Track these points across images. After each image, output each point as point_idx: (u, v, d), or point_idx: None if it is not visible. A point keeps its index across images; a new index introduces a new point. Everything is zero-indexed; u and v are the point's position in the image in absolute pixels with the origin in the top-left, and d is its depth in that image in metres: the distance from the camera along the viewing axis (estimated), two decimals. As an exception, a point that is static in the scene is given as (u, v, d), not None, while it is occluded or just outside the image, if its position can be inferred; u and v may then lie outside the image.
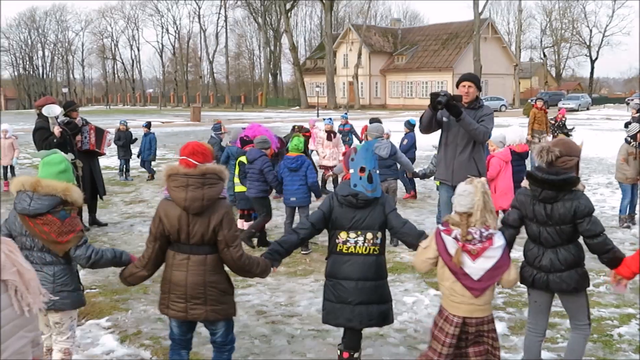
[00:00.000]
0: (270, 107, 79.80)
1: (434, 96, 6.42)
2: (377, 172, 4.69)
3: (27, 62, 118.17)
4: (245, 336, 5.93)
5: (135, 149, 17.33)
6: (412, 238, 4.62)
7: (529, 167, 8.73)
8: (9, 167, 14.99)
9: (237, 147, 10.45)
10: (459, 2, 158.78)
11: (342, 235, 4.65)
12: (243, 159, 9.60)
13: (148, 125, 17.45)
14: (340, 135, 16.20)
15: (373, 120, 17.37)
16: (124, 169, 16.75)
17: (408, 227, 4.68)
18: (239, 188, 9.82)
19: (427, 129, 6.87)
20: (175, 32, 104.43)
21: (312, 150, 14.32)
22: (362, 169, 4.58)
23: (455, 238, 4.17)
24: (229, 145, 11.09)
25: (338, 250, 4.67)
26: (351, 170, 4.65)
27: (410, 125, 13.79)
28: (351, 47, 76.32)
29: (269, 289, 7.34)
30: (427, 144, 12.52)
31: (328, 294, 4.74)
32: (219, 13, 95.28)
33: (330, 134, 13.86)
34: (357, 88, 73.59)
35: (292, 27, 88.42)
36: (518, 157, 9.99)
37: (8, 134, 15.07)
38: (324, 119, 14.91)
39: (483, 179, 4.40)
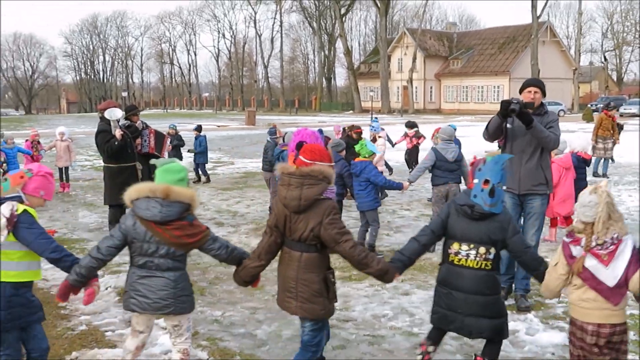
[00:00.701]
0: (324, 111, 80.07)
1: (506, 104, 6.15)
2: (503, 187, 4.62)
3: (89, 67, 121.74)
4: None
5: (186, 152, 17.60)
6: (534, 265, 4.58)
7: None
8: (64, 169, 15.38)
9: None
10: (516, 6, 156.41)
11: (455, 246, 4.62)
12: None
13: (199, 128, 17.71)
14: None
15: (409, 123, 17.27)
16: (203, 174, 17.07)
17: (530, 256, 4.62)
18: None
19: (494, 137, 6.65)
20: (231, 36, 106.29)
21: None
22: (486, 182, 4.53)
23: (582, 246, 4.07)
24: (285, 149, 11.13)
25: (450, 260, 4.67)
26: (475, 181, 4.61)
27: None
28: (406, 51, 76.00)
29: (324, 293, 7.34)
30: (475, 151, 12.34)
31: (439, 300, 4.75)
32: (275, 18, 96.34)
33: (374, 141, 13.85)
34: (411, 92, 73.17)
35: (347, 31, 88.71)
36: (582, 164, 9.74)
37: (65, 136, 15.49)
38: (370, 126, 14.78)
39: (604, 183, 4.24)
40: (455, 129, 13.09)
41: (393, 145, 18.02)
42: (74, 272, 4.40)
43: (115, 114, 9.62)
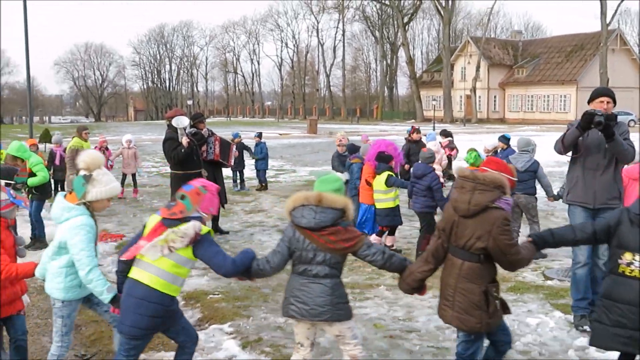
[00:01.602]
0: (386, 120, 79.84)
1: (590, 116, 5.90)
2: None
3: (156, 76, 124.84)
4: (364, 350, 5.90)
5: (249, 160, 17.78)
6: None
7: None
8: (131, 175, 15.79)
9: (360, 163, 10.46)
10: (585, 13, 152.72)
11: (627, 257, 4.34)
12: (385, 173, 9.51)
13: (259, 135, 17.87)
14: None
15: (443, 132, 16.98)
16: (239, 180, 17.22)
17: None
18: (381, 204, 9.63)
19: (569, 149, 6.41)
20: (294, 46, 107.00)
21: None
22: None
23: None
24: (356, 162, 10.79)
25: (620, 271, 4.33)
26: None
27: (505, 140, 13.35)
28: (469, 60, 75.08)
29: (387, 302, 7.29)
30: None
31: (600, 316, 4.38)
32: (337, 27, 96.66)
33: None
34: (474, 101, 72.23)
35: (409, 40, 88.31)
36: None
37: (132, 144, 15.91)
38: (426, 136, 14.57)
39: None
40: (509, 139, 12.81)
41: None
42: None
43: (182, 121, 9.84)
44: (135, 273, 4.45)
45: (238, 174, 17.17)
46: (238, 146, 17.08)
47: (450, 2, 72.55)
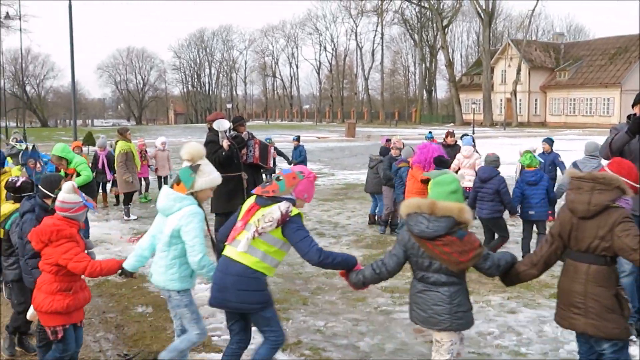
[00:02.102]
0: (424, 124, 79.28)
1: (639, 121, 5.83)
2: None
3: (195, 80, 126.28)
4: (404, 354, 5.88)
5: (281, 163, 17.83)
6: None
7: None
8: (163, 177, 15.95)
9: (408, 167, 10.39)
10: (628, 15, 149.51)
11: None
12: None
13: (298, 138, 17.96)
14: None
15: (462, 136, 16.69)
16: None
17: None
18: None
19: (616, 154, 6.26)
20: (332, 49, 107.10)
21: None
22: None
23: None
24: (403, 165, 10.66)
25: None
26: None
27: (550, 142, 13.13)
28: (510, 63, 74.16)
29: (427, 307, 7.23)
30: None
31: None
32: (376, 30, 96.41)
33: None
34: (515, 105, 71.34)
35: (449, 43, 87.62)
36: None
37: (166, 146, 16.09)
38: (462, 139, 14.24)
39: None
40: (553, 142, 12.60)
41: None
42: (357, 276, 4.54)
43: (223, 125, 9.90)
44: (229, 251, 4.60)
45: (267, 177, 17.19)
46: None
47: (490, 4, 71.83)
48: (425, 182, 9.54)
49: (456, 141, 13.93)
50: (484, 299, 7.48)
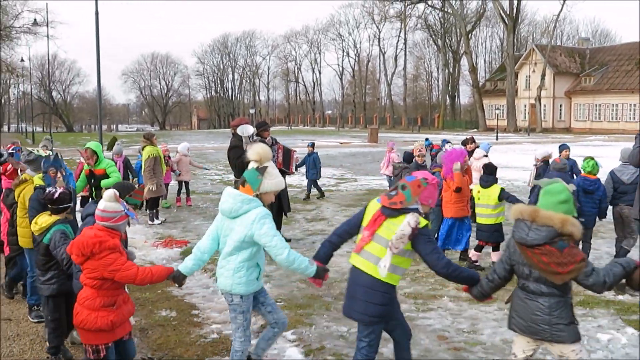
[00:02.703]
0: (447, 129, 79.01)
1: None
2: None
3: (219, 85, 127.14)
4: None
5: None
6: None
7: None
8: (185, 183, 15.93)
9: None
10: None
11: None
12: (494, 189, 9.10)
13: (312, 145, 17.77)
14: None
15: (464, 141, 16.44)
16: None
17: None
18: (487, 220, 9.16)
19: None
20: (355, 55, 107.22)
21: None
22: None
23: None
24: (438, 171, 10.38)
25: None
26: None
27: (566, 148, 12.94)
28: (534, 68, 73.65)
29: (451, 314, 7.19)
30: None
31: None
32: (399, 36, 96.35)
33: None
34: (539, 110, 70.78)
35: (472, 48, 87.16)
36: None
37: (189, 151, 16.06)
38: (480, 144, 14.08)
39: None
40: (570, 149, 12.30)
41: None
42: (477, 289, 4.59)
43: (247, 130, 9.96)
44: (358, 261, 4.63)
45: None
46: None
47: (514, 9, 71.40)
48: (457, 190, 9.40)
49: (477, 147, 13.73)
50: (509, 307, 7.39)
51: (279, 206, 10.79)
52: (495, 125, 60.89)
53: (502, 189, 9.12)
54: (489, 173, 9.23)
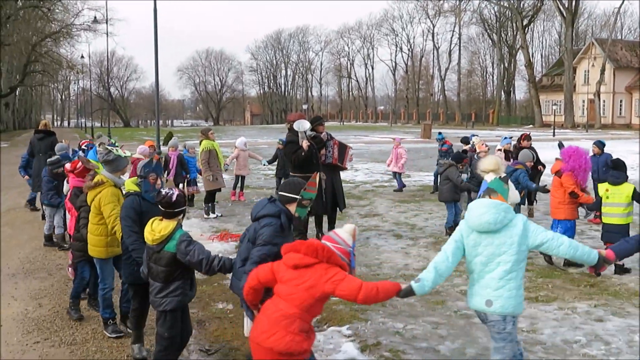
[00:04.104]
0: (502, 126, 77.66)
1: None
2: None
3: (272, 81, 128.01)
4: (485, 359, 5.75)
5: None
6: None
7: None
8: (242, 178, 15.99)
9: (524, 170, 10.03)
10: None
11: None
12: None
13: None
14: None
15: (463, 139, 15.95)
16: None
17: None
18: (616, 220, 8.61)
19: None
20: (408, 50, 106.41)
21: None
22: None
23: None
24: (520, 168, 10.15)
25: None
26: None
27: (601, 145, 12.50)
28: (593, 63, 71.72)
29: (509, 312, 7.06)
30: None
31: None
32: (453, 30, 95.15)
33: (507, 154, 13.05)
34: (598, 106, 68.88)
35: (529, 42, 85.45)
36: None
37: (247, 146, 16.16)
38: (504, 138, 13.68)
39: None
40: (604, 145, 11.81)
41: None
42: None
43: (303, 125, 9.98)
44: None
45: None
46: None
47: (573, 2, 69.65)
48: (574, 195, 8.95)
49: (531, 144, 13.39)
50: (569, 306, 7.23)
51: (333, 202, 10.80)
52: (552, 121, 59.56)
53: (635, 188, 8.62)
54: (618, 169, 8.72)
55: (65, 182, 9.33)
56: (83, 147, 12.87)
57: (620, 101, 71.91)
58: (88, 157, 10.15)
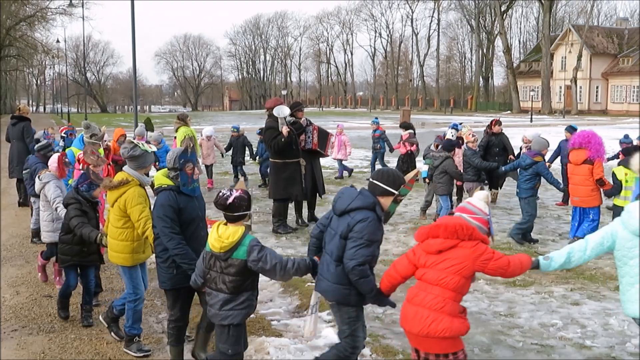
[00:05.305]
0: (480, 111, 78.12)
1: None
2: None
3: (250, 66, 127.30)
4: (465, 343, 5.80)
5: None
6: None
7: None
8: (209, 166, 15.55)
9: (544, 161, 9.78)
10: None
11: None
12: None
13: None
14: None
15: (403, 124, 15.75)
16: (240, 174, 15.89)
17: None
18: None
19: None
20: (387, 36, 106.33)
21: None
22: None
23: None
24: (539, 160, 9.74)
25: None
26: None
27: (572, 130, 12.53)
28: (570, 49, 72.31)
29: (487, 297, 7.14)
30: None
31: None
32: (432, 16, 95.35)
33: (459, 141, 12.82)
34: (575, 92, 69.53)
35: (507, 28, 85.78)
36: None
37: (212, 137, 15.67)
38: (453, 125, 13.35)
39: None
40: (576, 129, 11.78)
41: (392, 151, 17.03)
42: None
43: (283, 111, 9.96)
44: None
45: (239, 168, 15.84)
46: (238, 141, 15.83)
47: (551, -11, 70.00)
48: (602, 183, 8.90)
49: (502, 130, 13.35)
50: (546, 290, 7.33)
51: (313, 188, 10.81)
52: (530, 107, 60.02)
53: None
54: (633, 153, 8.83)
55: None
56: (62, 134, 12.60)
57: (597, 87, 72.65)
58: (73, 145, 9.93)
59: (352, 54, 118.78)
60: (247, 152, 16.19)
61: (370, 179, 4.62)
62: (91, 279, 6.65)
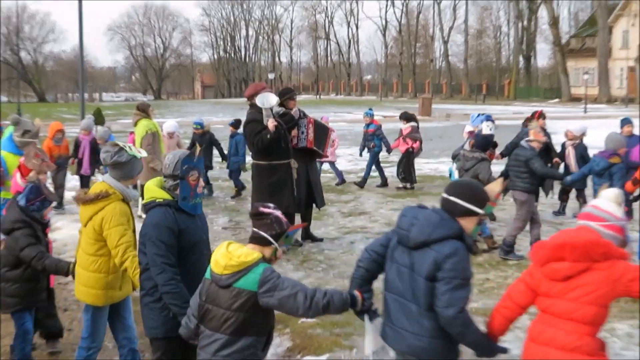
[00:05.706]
0: (521, 100, 78.27)
1: None
2: None
3: (228, 43, 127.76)
4: None
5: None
6: None
7: None
8: None
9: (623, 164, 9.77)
10: None
11: None
12: None
13: (234, 124, 16.27)
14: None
15: (404, 115, 15.98)
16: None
17: None
18: None
19: None
20: (402, 4, 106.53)
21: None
22: None
23: None
24: (616, 161, 9.69)
25: None
26: None
27: (627, 123, 12.53)
28: (634, 21, 72.48)
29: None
30: None
31: None
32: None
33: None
34: (639, 75, 69.72)
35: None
36: None
37: (174, 134, 15.70)
38: (478, 115, 13.24)
39: None
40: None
41: (389, 151, 17.63)
42: None
43: (268, 100, 9.87)
44: None
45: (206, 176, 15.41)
46: (204, 140, 15.75)
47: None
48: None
49: (545, 123, 13.24)
50: (607, 327, 7.28)
51: (309, 197, 10.74)
52: (583, 94, 60.16)
53: None
54: None
55: None
56: None
57: (668, 69, 72.88)
58: (2, 147, 9.66)
59: (357, 28, 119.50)
60: (224, 153, 16.28)
61: (445, 195, 4.38)
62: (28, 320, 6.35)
